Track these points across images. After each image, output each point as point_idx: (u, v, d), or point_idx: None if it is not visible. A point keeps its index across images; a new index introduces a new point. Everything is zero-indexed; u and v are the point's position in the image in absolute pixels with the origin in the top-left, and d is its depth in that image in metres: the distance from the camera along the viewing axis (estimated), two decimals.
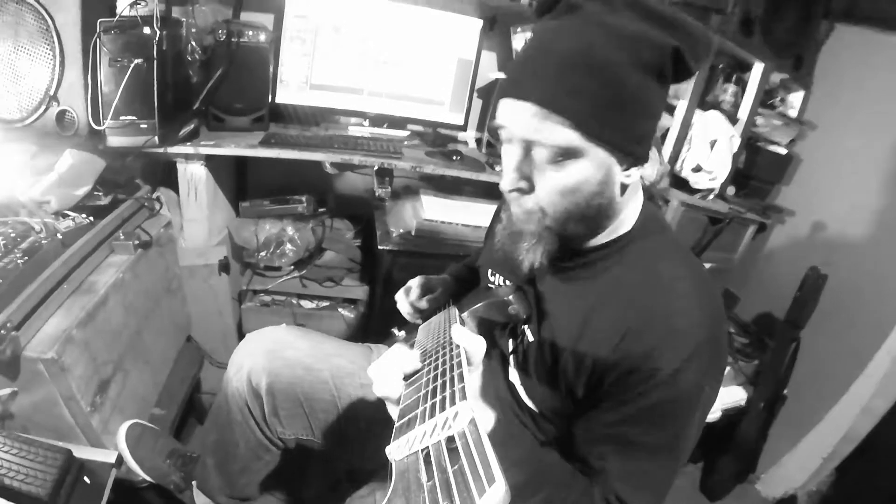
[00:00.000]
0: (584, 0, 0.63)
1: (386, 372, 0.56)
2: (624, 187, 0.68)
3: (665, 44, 0.61)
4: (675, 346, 0.64)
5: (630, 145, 0.63)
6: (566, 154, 0.61)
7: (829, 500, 1.62)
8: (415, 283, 0.99)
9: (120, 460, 0.95)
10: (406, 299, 0.97)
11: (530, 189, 0.66)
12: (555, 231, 0.68)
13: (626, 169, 0.66)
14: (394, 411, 0.55)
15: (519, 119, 0.63)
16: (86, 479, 0.88)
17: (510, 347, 0.85)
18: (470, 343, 0.54)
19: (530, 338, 0.80)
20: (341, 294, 1.86)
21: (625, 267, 0.72)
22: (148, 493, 1.18)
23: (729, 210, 1.86)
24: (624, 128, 0.62)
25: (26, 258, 0.98)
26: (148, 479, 1.15)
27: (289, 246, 1.75)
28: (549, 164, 0.63)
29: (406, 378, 0.56)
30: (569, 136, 0.60)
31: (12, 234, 0.99)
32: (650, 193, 0.80)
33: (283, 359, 1.01)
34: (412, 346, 0.73)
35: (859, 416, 1.55)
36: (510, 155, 0.66)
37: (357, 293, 1.86)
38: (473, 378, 0.55)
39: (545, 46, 0.63)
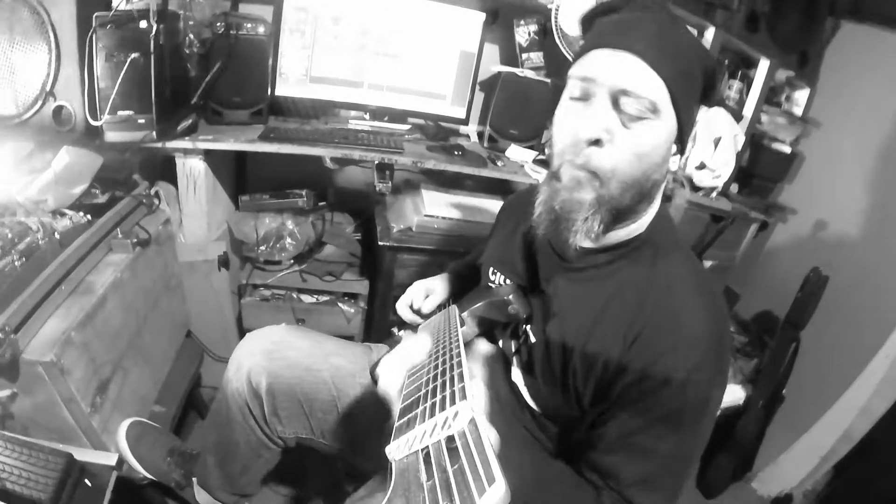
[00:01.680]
0: (653, 4, 0.72)
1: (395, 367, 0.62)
2: (667, 170, 0.72)
3: (710, 61, 0.70)
4: (686, 353, 0.65)
5: (689, 125, 0.69)
6: (653, 111, 0.64)
7: (826, 500, 1.64)
8: (416, 292, 0.98)
9: (121, 463, 0.95)
10: (408, 307, 0.97)
11: (609, 144, 0.65)
12: (616, 200, 0.67)
13: (676, 153, 0.71)
14: (395, 408, 0.56)
15: (615, 69, 0.65)
16: (87, 481, 0.89)
17: (513, 348, 0.85)
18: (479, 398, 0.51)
19: (532, 338, 0.80)
20: (341, 288, 1.85)
21: (635, 270, 0.72)
22: (149, 491, 1.19)
23: (732, 208, 1.85)
24: (691, 105, 0.68)
25: (24, 259, 0.97)
26: (149, 476, 1.15)
27: (289, 240, 1.75)
28: (633, 119, 0.64)
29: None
30: (661, 91, 0.64)
31: (9, 235, 0.98)
32: (666, 195, 0.80)
33: (282, 359, 1.01)
34: None
35: (857, 416, 1.56)
36: (594, 107, 0.66)
37: (357, 288, 1.85)
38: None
39: (638, 15, 0.69)
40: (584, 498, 0.68)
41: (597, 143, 0.65)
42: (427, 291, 1.00)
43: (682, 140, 0.69)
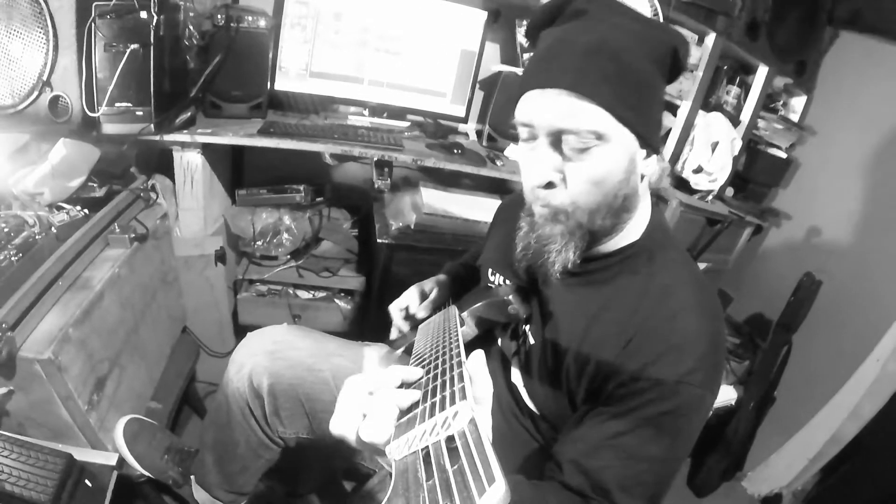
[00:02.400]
0: (588, 5, 0.67)
1: (380, 413, 0.46)
2: (642, 177, 0.71)
3: (668, 41, 0.66)
4: (678, 357, 0.65)
5: (649, 131, 0.67)
6: (597, 137, 0.63)
7: (814, 500, 1.67)
8: (410, 298, 0.97)
9: (121, 462, 0.94)
10: (400, 312, 0.96)
11: (562, 182, 0.66)
12: (585, 227, 0.68)
13: (646, 157, 0.69)
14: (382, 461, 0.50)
15: (547, 109, 0.64)
16: (87, 482, 0.87)
17: (513, 349, 0.86)
18: (480, 381, 0.50)
19: (531, 339, 0.81)
20: (338, 285, 1.85)
21: (631, 275, 0.72)
22: (146, 488, 1.18)
23: (728, 212, 1.86)
24: (643, 112, 0.65)
25: (20, 255, 0.95)
26: (146, 474, 1.14)
27: (285, 235, 1.73)
28: (580, 151, 0.64)
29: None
30: (599, 118, 0.62)
31: (6, 229, 0.96)
32: (657, 197, 0.80)
33: (284, 359, 1.00)
34: (411, 346, 0.74)
35: (846, 419, 1.58)
36: (538, 151, 0.66)
37: (354, 284, 1.85)
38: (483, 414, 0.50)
39: (565, 40, 0.65)
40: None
41: (549, 185, 0.67)
42: (422, 296, 0.99)
43: (649, 142, 0.67)
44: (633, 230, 0.74)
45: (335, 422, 0.50)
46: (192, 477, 1.14)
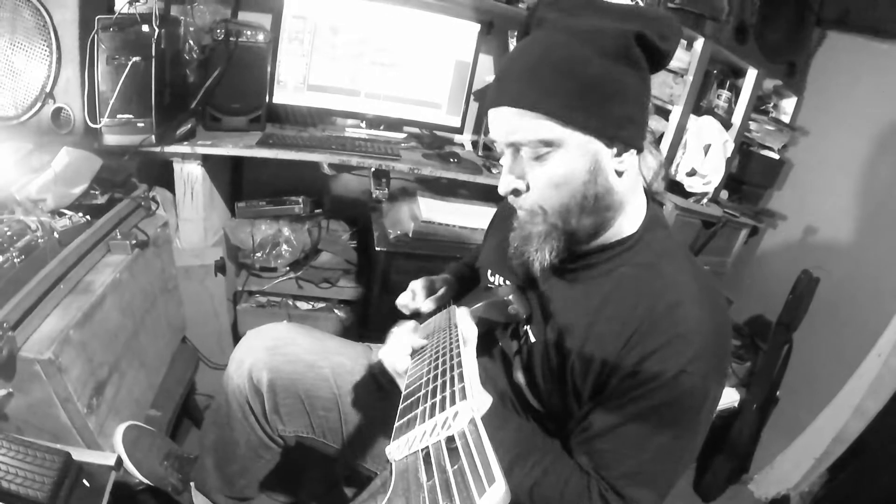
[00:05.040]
0: (547, 12, 0.70)
1: (396, 346, 0.71)
2: (619, 174, 0.70)
3: (623, 30, 0.64)
4: (680, 348, 0.65)
5: (609, 128, 0.66)
6: (547, 145, 0.66)
7: (822, 501, 1.64)
8: (418, 287, 0.99)
9: (119, 462, 0.94)
10: (411, 302, 0.97)
11: (525, 189, 0.71)
12: (560, 228, 0.71)
13: (618, 154, 0.68)
14: (400, 382, 0.66)
15: (500, 125, 0.69)
16: (85, 481, 0.87)
17: (515, 348, 0.86)
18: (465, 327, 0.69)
19: (532, 338, 0.81)
20: (337, 295, 1.85)
21: (630, 269, 0.73)
22: (144, 496, 1.16)
23: (722, 214, 1.88)
24: (597, 112, 0.65)
25: (23, 257, 0.96)
26: (145, 481, 1.13)
27: (285, 247, 1.74)
28: (535, 159, 0.67)
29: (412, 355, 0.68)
30: (543, 127, 0.65)
31: (8, 233, 0.97)
32: (653, 195, 0.81)
33: (284, 355, 1.00)
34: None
35: (851, 417, 1.57)
36: (504, 162, 0.72)
37: (353, 295, 1.85)
38: (469, 353, 0.64)
39: (513, 58, 0.70)
40: (573, 479, 0.70)
41: (516, 192, 0.72)
42: (429, 289, 1.00)
43: (617, 139, 0.67)
44: (626, 224, 0.74)
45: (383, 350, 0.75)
46: (192, 483, 1.13)
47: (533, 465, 0.71)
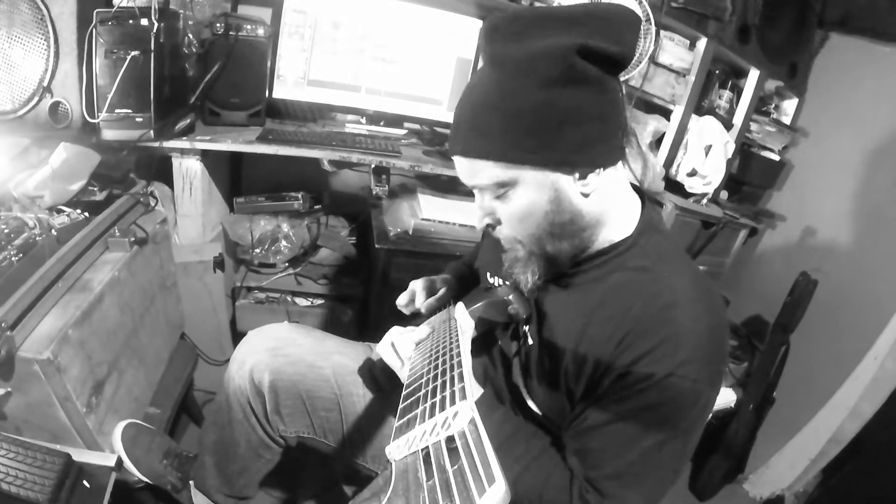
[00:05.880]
0: (489, 44, 0.66)
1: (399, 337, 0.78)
2: (587, 195, 0.69)
3: (559, 49, 0.60)
4: (672, 349, 0.64)
5: (565, 157, 0.65)
6: (503, 186, 0.67)
7: (816, 501, 1.66)
8: (419, 287, 0.98)
9: (120, 463, 0.93)
10: (411, 303, 0.97)
11: (497, 223, 0.74)
12: (538, 254, 0.73)
13: (582, 177, 0.67)
14: (402, 374, 0.71)
15: (460, 171, 0.71)
16: (85, 482, 0.86)
17: (514, 349, 0.86)
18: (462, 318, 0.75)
19: (531, 340, 0.81)
20: (336, 292, 1.84)
21: (624, 272, 0.72)
22: (144, 494, 1.16)
23: (723, 215, 1.88)
24: (548, 145, 0.64)
25: (21, 255, 0.95)
26: (144, 479, 1.13)
27: (284, 243, 1.74)
28: (497, 199, 0.70)
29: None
30: (493, 171, 0.67)
31: (6, 231, 0.96)
32: (648, 196, 0.80)
33: (285, 355, 1.00)
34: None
35: (846, 418, 1.58)
36: (475, 200, 0.75)
37: (352, 291, 1.85)
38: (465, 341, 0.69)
39: (461, 103, 0.69)
40: (554, 477, 0.72)
41: (489, 226, 0.75)
42: (429, 289, 1.00)
43: (574, 163, 0.65)
44: (616, 230, 0.73)
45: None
46: (191, 482, 1.13)
47: (515, 460, 0.73)
